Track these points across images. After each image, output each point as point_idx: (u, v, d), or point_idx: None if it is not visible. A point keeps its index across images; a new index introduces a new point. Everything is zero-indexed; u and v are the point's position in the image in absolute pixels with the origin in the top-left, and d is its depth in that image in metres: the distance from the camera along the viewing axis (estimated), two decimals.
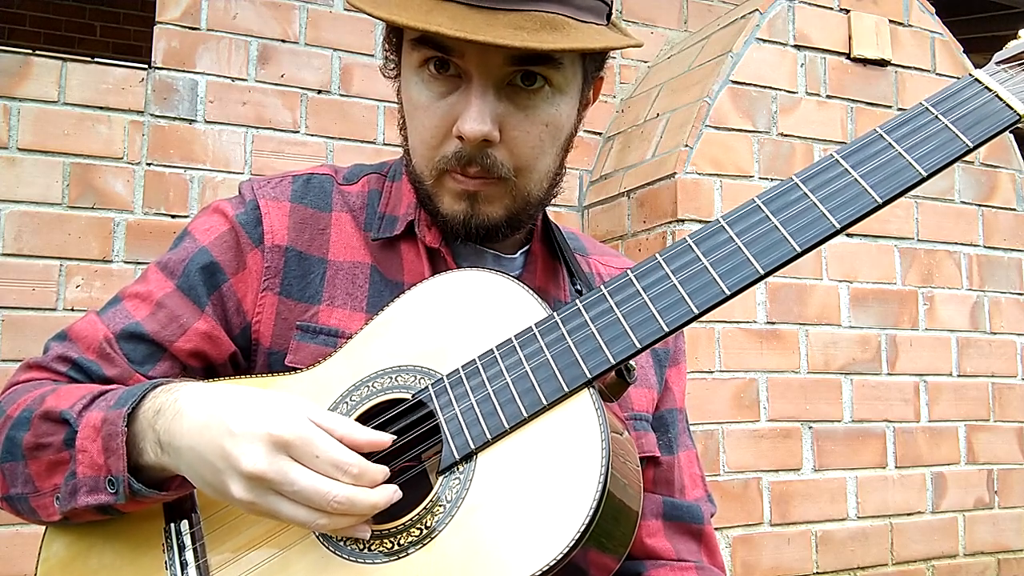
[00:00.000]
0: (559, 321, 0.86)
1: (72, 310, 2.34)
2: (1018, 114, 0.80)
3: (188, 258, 1.02)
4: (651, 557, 1.09)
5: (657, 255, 0.85)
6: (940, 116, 0.82)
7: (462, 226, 0.98)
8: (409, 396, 0.89)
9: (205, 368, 1.02)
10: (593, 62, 1.02)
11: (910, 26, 2.96)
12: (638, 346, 0.82)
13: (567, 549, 0.75)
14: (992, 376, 2.95)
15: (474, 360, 0.87)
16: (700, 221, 2.53)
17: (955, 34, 3.07)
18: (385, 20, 0.91)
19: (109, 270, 2.40)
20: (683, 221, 2.53)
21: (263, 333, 1.01)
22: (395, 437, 0.84)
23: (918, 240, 2.88)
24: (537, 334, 0.86)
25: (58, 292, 2.34)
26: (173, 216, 2.49)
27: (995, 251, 3.00)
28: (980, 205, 2.99)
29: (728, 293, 0.80)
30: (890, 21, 2.91)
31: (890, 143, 0.82)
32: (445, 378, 0.88)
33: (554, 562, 0.75)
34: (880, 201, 0.80)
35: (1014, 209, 3.05)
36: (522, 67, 0.92)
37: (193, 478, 0.84)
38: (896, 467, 2.78)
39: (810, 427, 2.66)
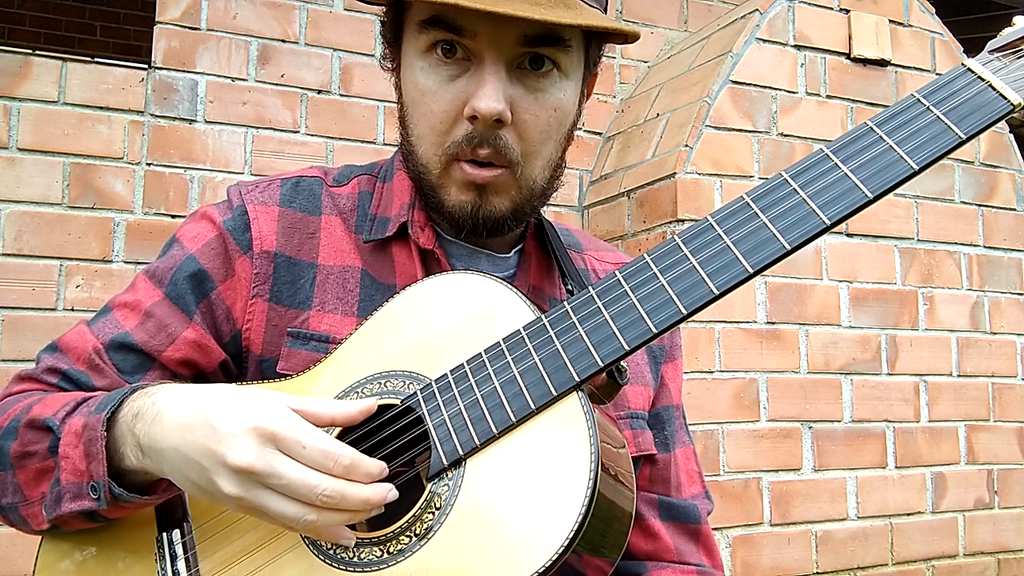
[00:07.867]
0: (547, 324, 0.85)
1: (72, 310, 2.34)
2: (1012, 104, 0.77)
3: (176, 266, 1.02)
4: (652, 558, 1.08)
5: (645, 255, 0.84)
6: (932, 107, 0.80)
7: (469, 217, 0.97)
8: (398, 402, 0.88)
9: (195, 377, 1.01)
10: (595, 51, 1.03)
11: (910, 26, 2.95)
12: (627, 348, 0.81)
13: (556, 556, 0.74)
14: (992, 376, 2.94)
15: (462, 364, 0.87)
16: None
17: (955, 34, 3.06)
18: None
19: (109, 270, 2.40)
20: (683, 221, 2.53)
21: (254, 340, 1.00)
22: (378, 400, 0.86)
23: (918, 240, 2.87)
24: (525, 337, 0.85)
25: (58, 292, 2.35)
26: (173, 216, 2.49)
27: (995, 251, 2.99)
28: (980, 205, 2.98)
29: (717, 293, 0.79)
30: (890, 21, 2.90)
31: (881, 136, 0.80)
32: (433, 383, 0.87)
33: (543, 569, 0.74)
34: (871, 196, 0.78)
35: (1014, 209, 3.05)
36: (533, 48, 0.92)
37: (178, 479, 0.82)
38: (896, 467, 2.78)
39: (810, 427, 2.66)
